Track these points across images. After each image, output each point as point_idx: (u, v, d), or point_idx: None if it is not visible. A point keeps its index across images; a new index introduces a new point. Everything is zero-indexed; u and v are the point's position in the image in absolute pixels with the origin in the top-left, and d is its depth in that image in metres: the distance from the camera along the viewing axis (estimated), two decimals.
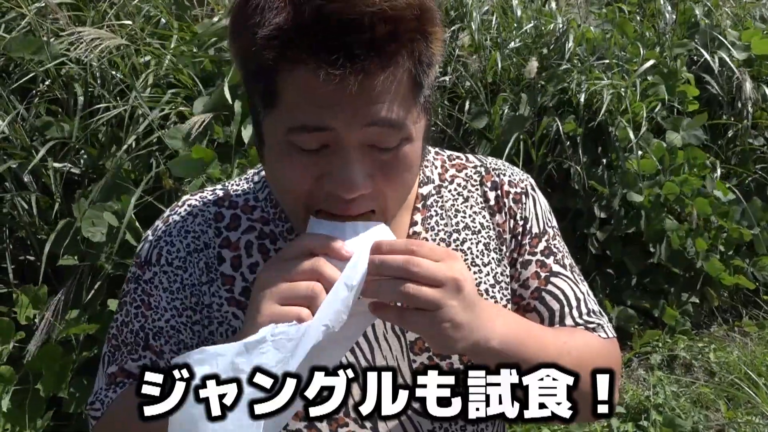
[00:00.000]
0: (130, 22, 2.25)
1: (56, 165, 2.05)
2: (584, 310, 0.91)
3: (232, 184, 0.91)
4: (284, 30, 0.63)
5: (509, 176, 0.92)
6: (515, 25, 3.04)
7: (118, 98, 2.13)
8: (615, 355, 0.93)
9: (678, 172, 2.92)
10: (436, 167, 0.91)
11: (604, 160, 2.91)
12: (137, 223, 1.94)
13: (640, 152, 2.86)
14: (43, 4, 2.15)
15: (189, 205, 0.88)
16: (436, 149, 0.95)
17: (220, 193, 0.89)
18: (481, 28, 2.96)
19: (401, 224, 0.86)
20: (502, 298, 0.88)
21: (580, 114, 2.83)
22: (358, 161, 0.69)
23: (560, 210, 2.93)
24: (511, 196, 0.90)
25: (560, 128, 2.76)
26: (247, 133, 2.05)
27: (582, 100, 2.79)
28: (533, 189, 0.93)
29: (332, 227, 0.71)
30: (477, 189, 0.91)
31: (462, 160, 0.94)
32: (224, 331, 0.83)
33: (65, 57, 2.12)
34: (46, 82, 2.18)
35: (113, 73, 2.13)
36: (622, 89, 2.85)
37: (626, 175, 2.85)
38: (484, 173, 0.92)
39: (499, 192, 0.90)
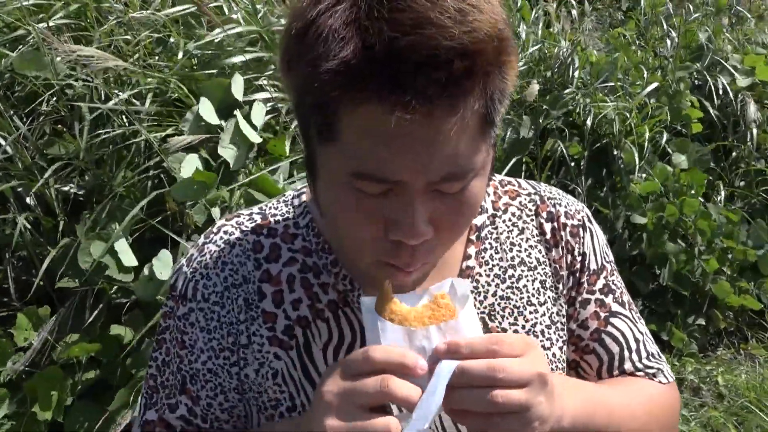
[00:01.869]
0: (130, 38, 2.25)
1: (58, 187, 2.03)
2: (643, 354, 0.87)
3: (270, 208, 0.84)
4: (351, 65, 0.55)
5: (565, 206, 0.86)
6: (520, 47, 3.06)
7: (123, 118, 2.12)
8: (676, 402, 0.89)
9: (681, 195, 2.91)
10: (488, 194, 0.85)
11: (608, 183, 2.90)
12: (130, 251, 1.90)
13: (643, 174, 2.85)
14: (51, 24, 2.15)
15: (225, 233, 0.81)
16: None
17: (258, 218, 0.82)
18: None
19: (454, 258, 0.80)
20: (558, 340, 0.83)
21: (584, 136, 2.83)
22: (422, 205, 0.62)
23: None
24: (568, 229, 0.84)
25: (564, 150, 2.75)
26: (230, 156, 2.01)
27: (588, 122, 2.79)
28: (590, 221, 0.87)
29: (404, 332, 0.64)
30: (532, 220, 0.84)
31: (515, 186, 0.87)
32: (265, 373, 0.77)
33: (71, 77, 2.11)
34: (51, 101, 2.17)
35: (118, 93, 2.12)
36: (628, 112, 2.86)
37: (630, 197, 2.84)
38: (539, 202, 0.86)
39: (555, 224, 0.84)
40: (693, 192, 2.93)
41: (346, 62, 0.55)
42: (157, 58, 2.32)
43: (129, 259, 1.87)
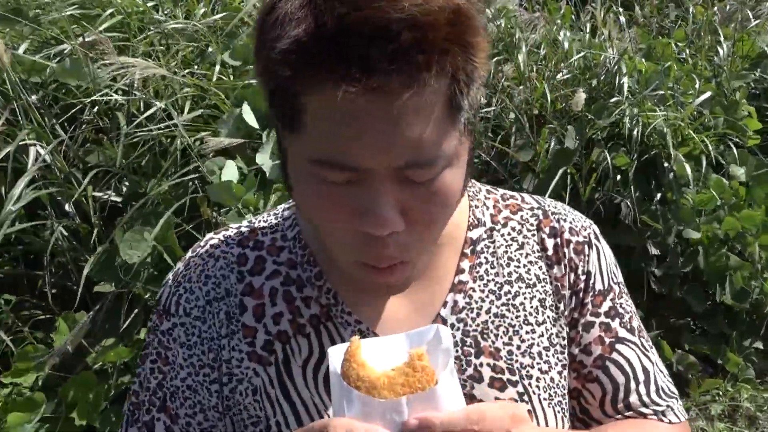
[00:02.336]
0: (168, 47, 2.27)
1: (96, 194, 2.06)
2: (653, 388, 0.81)
3: (260, 221, 0.83)
4: (302, 43, 0.54)
5: (570, 222, 0.82)
6: (563, 56, 2.97)
7: (161, 127, 2.14)
8: None
9: (739, 209, 2.76)
10: (488, 207, 0.82)
11: (659, 195, 2.78)
12: (178, 247, 1.92)
13: (695, 188, 2.72)
14: (94, 37, 2.19)
15: (211, 246, 0.80)
16: (488, 187, 0.85)
17: (245, 231, 0.81)
18: (528, 60, 2.90)
19: (446, 271, 0.77)
20: (557, 363, 0.77)
21: (632, 147, 2.72)
22: (390, 194, 0.59)
23: (612, 247, 2.79)
24: (572, 246, 0.80)
25: (609, 162, 2.64)
26: (268, 165, 2.02)
27: (635, 133, 2.68)
28: (597, 238, 0.83)
29: (371, 403, 0.57)
30: (534, 235, 0.80)
31: (517, 200, 0.84)
32: (244, 390, 0.74)
33: (110, 86, 2.15)
34: (94, 109, 2.21)
35: (155, 101, 2.15)
36: (680, 122, 2.73)
37: (682, 210, 2.70)
38: (542, 217, 0.82)
39: (558, 240, 0.80)
40: (753, 206, 2.78)
41: (297, 41, 0.55)
42: (195, 67, 2.34)
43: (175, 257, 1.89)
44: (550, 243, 0.80)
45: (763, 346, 2.90)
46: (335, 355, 0.59)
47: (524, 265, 0.79)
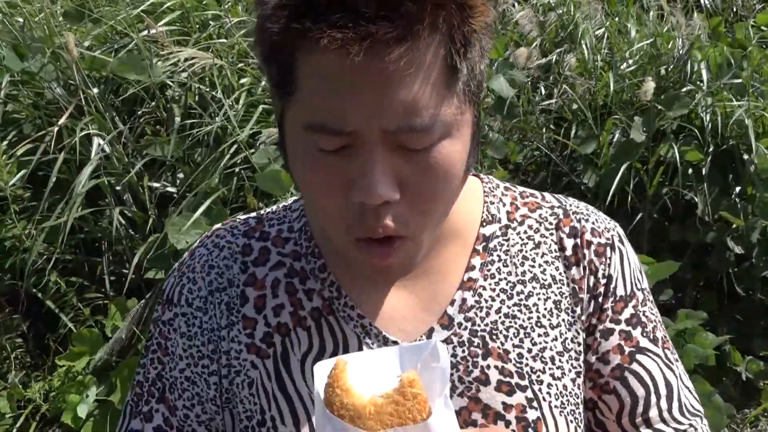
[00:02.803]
0: (224, 40, 2.31)
1: (151, 184, 2.12)
2: (675, 404, 0.75)
3: (269, 212, 0.81)
4: None
5: (593, 223, 0.77)
6: (628, 45, 2.82)
7: (214, 117, 2.18)
8: None
9: None
10: (504, 204, 0.78)
11: (737, 189, 2.61)
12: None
13: None
14: (154, 31, 2.26)
15: (217, 236, 0.79)
16: (506, 184, 0.81)
17: (253, 222, 0.80)
18: (592, 49, 2.78)
19: (455, 268, 0.74)
20: (570, 370, 0.72)
21: (705, 139, 2.55)
22: (383, 162, 0.57)
23: (680, 244, 2.67)
24: (593, 248, 0.75)
25: (677, 155, 2.50)
26: None
27: (710, 124, 2.51)
28: (621, 241, 0.78)
29: None
30: (552, 234, 0.76)
31: (537, 198, 0.80)
32: (241, 382, 0.73)
33: (168, 78, 2.21)
34: (152, 103, 2.28)
35: (208, 91, 2.19)
36: (762, 112, 2.55)
37: (766, 205, 2.52)
38: (562, 216, 0.77)
39: (578, 241, 0.76)
40: None
41: None
42: (251, 60, 2.37)
43: None
44: (569, 243, 0.76)
45: None
46: (320, 373, 0.55)
47: (540, 265, 0.75)
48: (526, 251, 0.75)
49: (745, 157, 2.56)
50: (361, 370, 0.55)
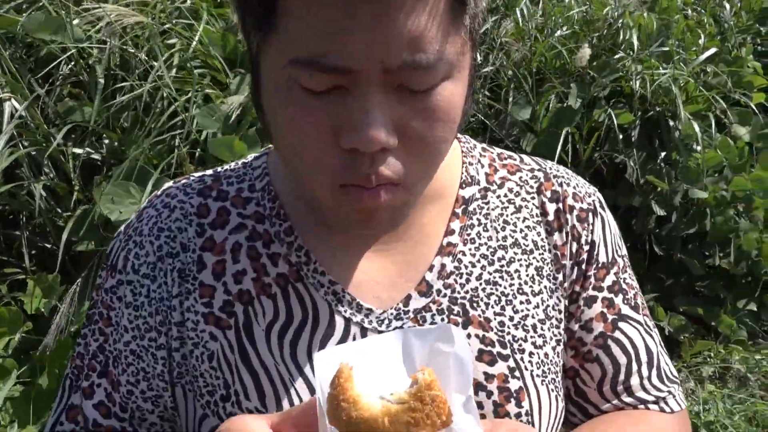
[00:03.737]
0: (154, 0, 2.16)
1: (75, 150, 1.97)
2: (654, 372, 0.75)
3: (226, 170, 0.75)
4: None
5: (574, 188, 0.75)
6: (562, 11, 2.85)
7: (141, 81, 2.04)
8: None
9: (743, 169, 2.70)
10: (482, 166, 0.75)
11: (663, 154, 2.72)
12: None
13: (699, 147, 2.65)
14: None
15: (168, 195, 0.73)
16: (484, 145, 0.79)
17: (209, 180, 0.74)
18: (527, 15, 2.78)
19: (434, 232, 0.71)
20: (551, 338, 0.71)
21: (634, 106, 2.63)
22: (381, 104, 0.52)
23: (612, 208, 2.75)
24: (575, 213, 0.74)
25: (614, 120, 2.56)
26: None
27: (638, 90, 2.59)
28: (602, 206, 0.77)
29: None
30: (533, 198, 0.74)
31: (516, 160, 0.77)
32: (200, 355, 0.67)
33: (88, 39, 2.04)
34: (69, 66, 2.10)
35: (135, 53, 2.04)
36: (685, 79, 2.64)
37: (689, 170, 2.64)
38: (543, 179, 0.75)
39: (560, 205, 0.74)
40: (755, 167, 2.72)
41: None
42: (176, 18, 2.23)
43: None
44: (551, 208, 0.74)
45: (757, 308, 2.90)
46: (322, 371, 0.48)
47: (521, 230, 0.72)
48: (507, 215, 0.73)
49: (671, 123, 2.66)
50: (365, 368, 0.49)
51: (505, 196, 0.74)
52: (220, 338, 0.67)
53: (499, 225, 0.72)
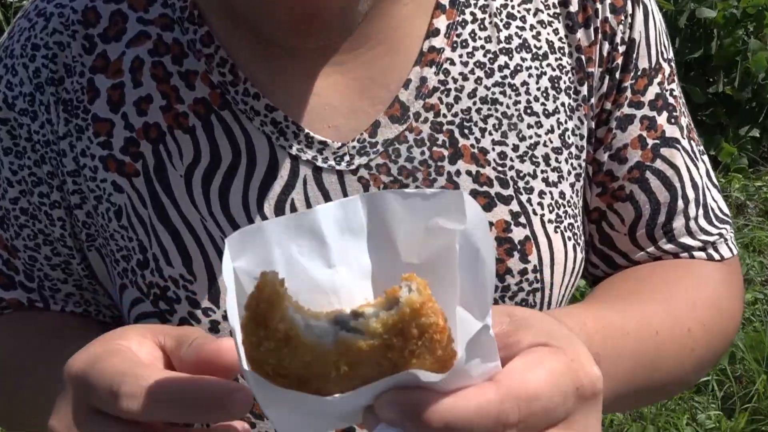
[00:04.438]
0: None
1: None
2: (701, 211, 0.60)
3: None
4: None
5: None
6: None
7: None
8: (739, 288, 0.63)
9: None
10: None
11: None
12: None
13: None
14: None
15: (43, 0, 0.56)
16: None
17: None
18: None
19: (410, 34, 0.54)
20: (570, 173, 0.56)
21: None
22: None
23: None
24: (607, 1, 0.56)
25: None
26: None
27: None
28: None
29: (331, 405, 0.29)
30: None
31: None
32: (105, 212, 0.54)
33: None
34: None
35: None
36: None
37: None
38: None
39: None
40: None
41: None
42: None
43: None
44: None
45: (760, 134, 2.83)
46: (233, 274, 0.31)
47: (531, 27, 0.55)
48: (513, 7, 0.55)
49: None
50: (305, 271, 0.32)
51: None
52: (127, 188, 0.53)
53: (501, 20, 0.55)
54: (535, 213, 0.54)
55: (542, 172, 0.54)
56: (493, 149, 0.54)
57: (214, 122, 0.53)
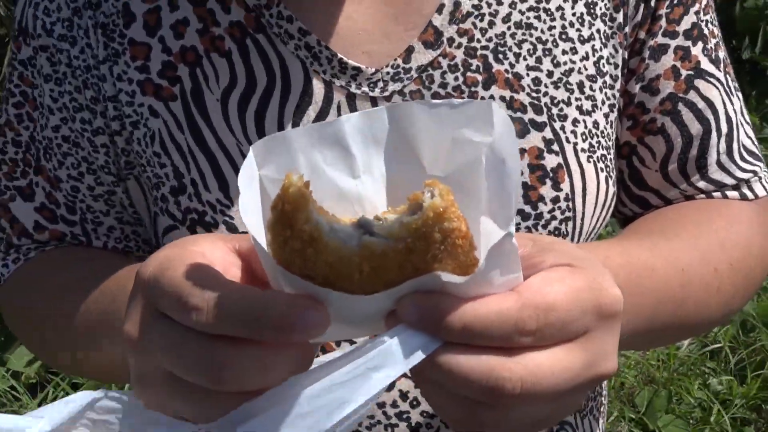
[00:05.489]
0: None
1: None
2: (735, 146, 0.58)
3: None
4: None
5: None
6: None
7: None
8: None
9: None
10: None
11: None
12: None
13: None
14: None
15: None
16: None
17: None
18: None
19: None
20: (604, 102, 0.54)
21: None
22: None
23: None
24: None
25: None
26: None
27: None
28: None
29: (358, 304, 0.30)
30: None
31: None
32: (141, 138, 0.53)
33: None
34: None
35: None
36: None
37: None
38: None
39: None
40: None
41: None
42: None
43: None
44: None
45: None
46: (248, 192, 0.31)
47: None
48: None
49: None
50: (330, 177, 0.33)
51: None
52: (163, 113, 0.52)
53: None
54: (568, 141, 0.53)
55: (576, 99, 0.53)
56: (527, 75, 0.53)
57: (249, 46, 0.52)
